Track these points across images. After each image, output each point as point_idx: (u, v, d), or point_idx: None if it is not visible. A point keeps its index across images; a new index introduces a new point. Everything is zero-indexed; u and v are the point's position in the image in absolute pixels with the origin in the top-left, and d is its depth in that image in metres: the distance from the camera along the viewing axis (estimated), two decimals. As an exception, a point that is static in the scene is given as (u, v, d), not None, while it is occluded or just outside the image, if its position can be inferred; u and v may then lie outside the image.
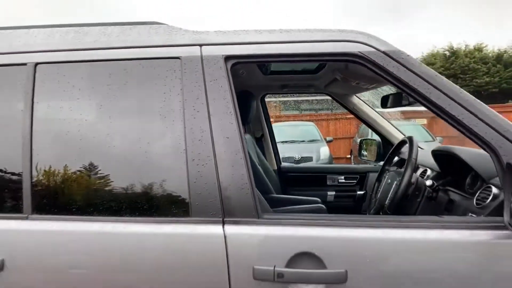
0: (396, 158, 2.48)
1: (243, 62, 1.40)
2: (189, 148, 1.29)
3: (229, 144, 1.29)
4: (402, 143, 2.36)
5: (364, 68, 1.35)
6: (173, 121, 1.33)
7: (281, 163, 3.30)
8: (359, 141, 3.38)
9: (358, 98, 2.86)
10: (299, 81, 2.82)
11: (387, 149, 2.68)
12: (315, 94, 3.72)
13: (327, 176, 3.08)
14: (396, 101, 2.00)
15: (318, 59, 1.42)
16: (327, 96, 3.06)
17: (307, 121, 12.57)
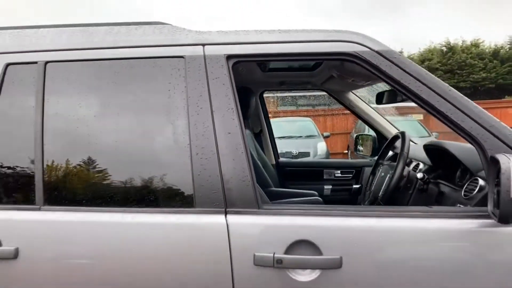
0: (390, 153, 2.55)
1: (244, 61, 1.47)
2: (193, 143, 1.36)
3: (231, 139, 1.36)
4: (395, 138, 2.43)
5: (359, 66, 1.43)
6: (177, 117, 1.40)
7: (279, 158, 3.37)
8: (355, 136, 3.45)
9: (354, 94, 2.91)
10: (297, 78, 2.87)
11: (382, 144, 2.73)
12: (312, 90, 3.77)
13: (324, 170, 3.15)
14: (390, 97, 2.07)
15: (315, 58, 1.49)
16: (324, 92, 3.13)
17: (304, 116, 12.62)
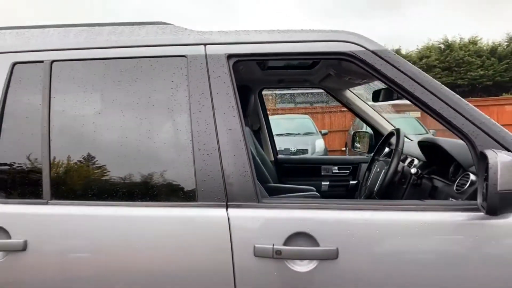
0: (386, 149, 2.61)
1: (244, 60, 1.52)
2: (195, 139, 1.42)
3: (231, 135, 1.41)
4: (390, 134, 2.49)
5: (355, 65, 1.48)
6: (180, 114, 1.45)
7: (278, 154, 3.43)
8: (352, 133, 3.50)
9: (351, 92, 2.96)
10: (295, 76, 2.92)
11: (378, 141, 2.78)
12: (310, 88, 3.82)
13: (321, 166, 3.20)
14: (386, 95, 2.12)
15: (313, 57, 1.54)
16: (321, 90, 3.18)
17: (302, 114, 12.66)
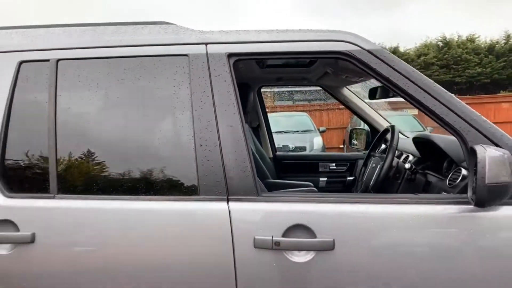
0: (383, 146, 2.67)
1: (244, 59, 1.57)
2: (197, 135, 1.47)
3: (232, 131, 1.47)
4: (386, 131, 2.55)
5: (351, 64, 1.53)
6: (182, 111, 1.50)
7: (276, 151, 3.48)
8: (350, 130, 3.56)
9: (349, 90, 3.01)
10: (293, 74, 2.97)
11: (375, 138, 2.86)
12: (308, 86, 3.87)
13: (319, 163, 3.27)
14: (382, 93, 2.18)
15: (311, 56, 1.59)
16: (319, 87, 3.23)
17: (300, 111, 12.71)
